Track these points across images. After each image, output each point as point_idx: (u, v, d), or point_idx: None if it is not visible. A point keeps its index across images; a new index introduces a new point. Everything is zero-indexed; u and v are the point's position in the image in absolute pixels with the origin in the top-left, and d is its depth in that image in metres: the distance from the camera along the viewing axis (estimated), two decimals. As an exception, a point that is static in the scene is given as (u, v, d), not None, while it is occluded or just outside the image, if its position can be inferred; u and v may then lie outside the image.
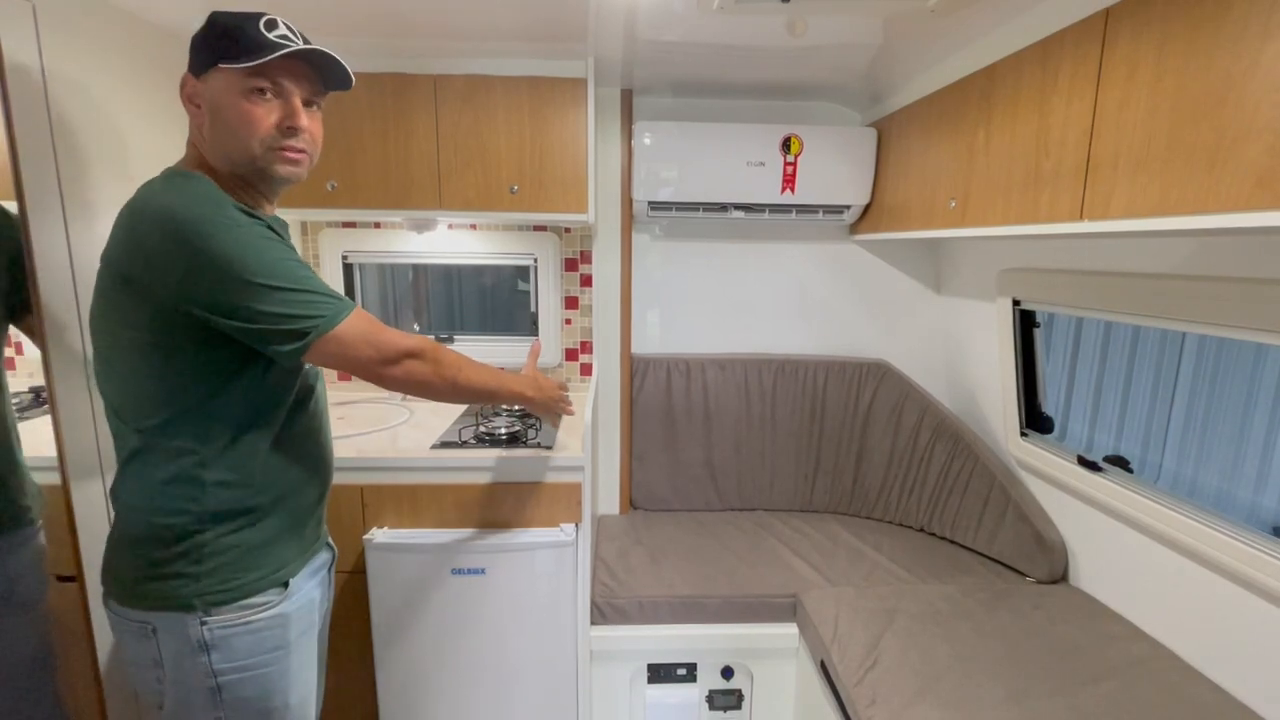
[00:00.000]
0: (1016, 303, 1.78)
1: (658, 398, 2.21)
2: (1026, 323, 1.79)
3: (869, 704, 1.27)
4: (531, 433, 1.70)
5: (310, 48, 0.92)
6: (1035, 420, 1.86)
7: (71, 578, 1.28)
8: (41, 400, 1.40)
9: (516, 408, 1.89)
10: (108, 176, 1.27)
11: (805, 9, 1.40)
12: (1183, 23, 0.96)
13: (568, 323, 2.22)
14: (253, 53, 0.87)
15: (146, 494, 0.92)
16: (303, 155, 0.95)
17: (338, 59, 0.94)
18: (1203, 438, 2.25)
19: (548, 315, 2.19)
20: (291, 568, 1.02)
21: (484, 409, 1.85)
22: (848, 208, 2.05)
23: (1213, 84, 0.91)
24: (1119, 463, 1.60)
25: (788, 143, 1.97)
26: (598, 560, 1.86)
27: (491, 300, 2.39)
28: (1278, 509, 2.06)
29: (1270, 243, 1.13)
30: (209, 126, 0.91)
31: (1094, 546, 1.63)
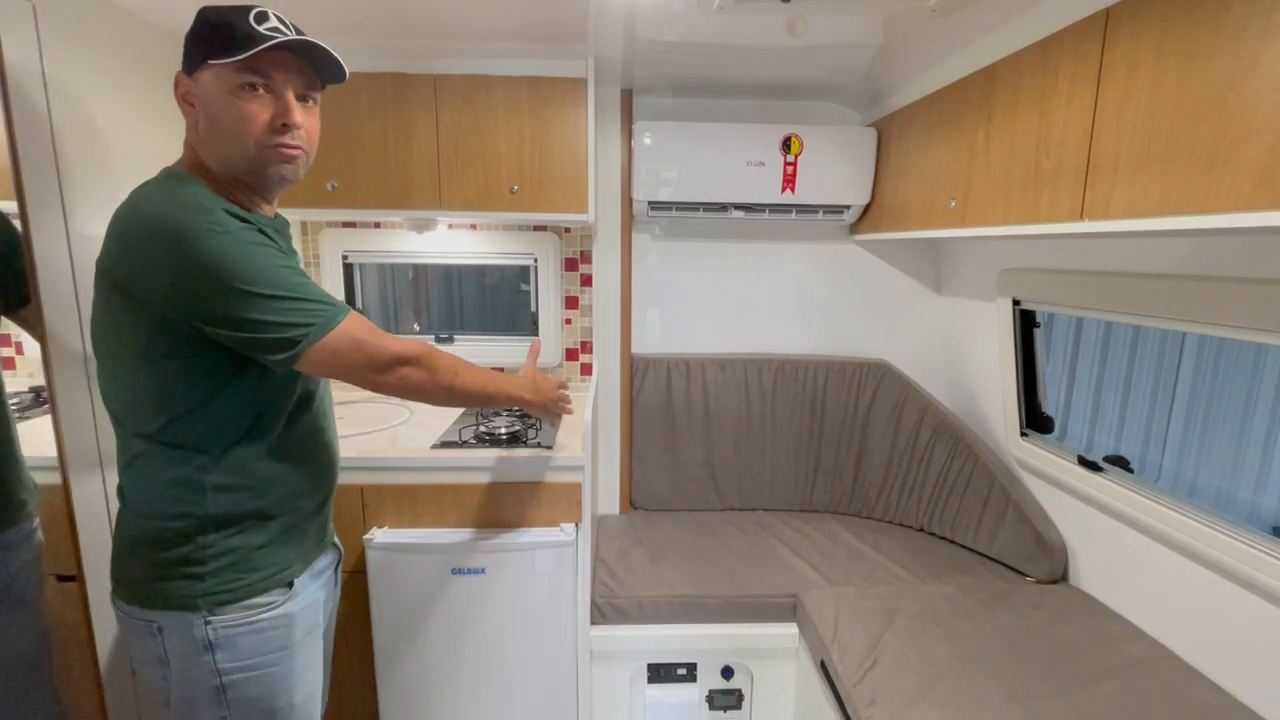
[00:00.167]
0: (1016, 302, 1.77)
1: (658, 397, 2.21)
2: (1026, 323, 1.79)
3: (869, 704, 1.27)
4: (531, 433, 1.70)
5: (298, 38, 0.88)
6: (1035, 420, 1.86)
7: (72, 577, 1.28)
8: (41, 399, 1.40)
9: (516, 408, 1.89)
10: (108, 176, 1.27)
11: (805, 9, 1.40)
12: (1183, 23, 0.96)
13: (568, 323, 2.22)
14: (242, 47, 0.84)
15: (149, 497, 0.92)
16: (298, 152, 0.92)
17: (328, 49, 0.91)
18: (1203, 437, 2.25)
19: (548, 315, 2.19)
20: (296, 568, 1.01)
21: (484, 409, 1.85)
22: (848, 208, 2.05)
23: (1213, 84, 0.91)
24: (1119, 463, 1.61)
25: (788, 143, 1.97)
26: (598, 560, 1.86)
27: (491, 300, 2.39)
28: (1278, 509, 2.06)
29: (1270, 243, 1.14)
30: (203, 125, 0.89)
31: (1094, 546, 1.63)
